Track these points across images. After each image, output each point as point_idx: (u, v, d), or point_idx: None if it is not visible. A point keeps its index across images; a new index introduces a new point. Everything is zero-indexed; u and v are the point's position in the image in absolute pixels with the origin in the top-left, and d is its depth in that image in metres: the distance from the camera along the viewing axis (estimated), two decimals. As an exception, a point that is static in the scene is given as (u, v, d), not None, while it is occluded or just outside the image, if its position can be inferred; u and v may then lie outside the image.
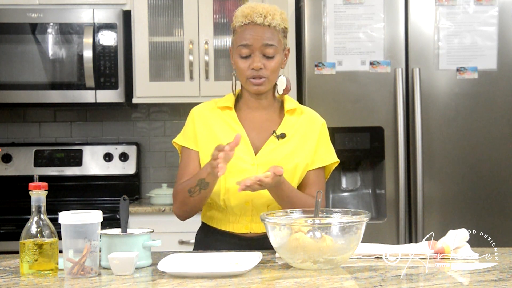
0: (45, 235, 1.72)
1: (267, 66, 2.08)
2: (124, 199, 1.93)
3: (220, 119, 2.18)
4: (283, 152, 2.12)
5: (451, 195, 3.21)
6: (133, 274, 1.74)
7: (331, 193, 3.32)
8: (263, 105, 2.18)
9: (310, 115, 2.23)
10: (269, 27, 2.06)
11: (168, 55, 3.73)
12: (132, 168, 3.91)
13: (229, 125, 2.16)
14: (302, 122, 2.18)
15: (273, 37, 2.07)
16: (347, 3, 3.21)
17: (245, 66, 2.09)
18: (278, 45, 2.09)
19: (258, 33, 2.06)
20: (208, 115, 2.19)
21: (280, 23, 2.08)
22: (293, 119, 2.18)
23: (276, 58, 2.09)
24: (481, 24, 3.21)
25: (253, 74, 2.08)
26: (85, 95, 3.61)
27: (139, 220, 3.35)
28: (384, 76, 3.21)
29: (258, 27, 2.06)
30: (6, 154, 3.88)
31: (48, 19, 3.60)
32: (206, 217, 2.23)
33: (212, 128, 2.16)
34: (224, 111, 2.18)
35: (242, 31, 2.08)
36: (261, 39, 2.06)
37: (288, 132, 2.15)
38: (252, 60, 2.07)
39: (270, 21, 2.06)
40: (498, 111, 3.22)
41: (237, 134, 1.92)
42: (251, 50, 2.07)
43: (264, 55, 2.07)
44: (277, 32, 2.08)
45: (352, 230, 1.75)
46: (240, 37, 2.09)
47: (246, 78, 2.10)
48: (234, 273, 1.68)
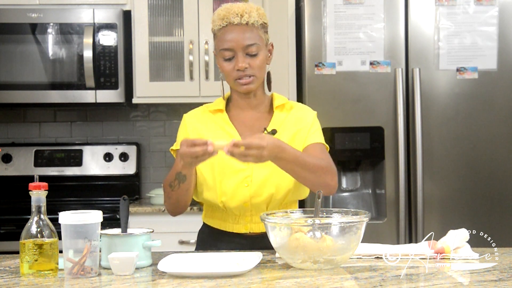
0: (45, 235, 1.72)
1: (252, 64, 2.07)
2: (124, 199, 1.93)
3: (212, 122, 2.18)
4: None
5: (451, 195, 3.21)
6: (133, 274, 1.74)
7: (331, 193, 3.31)
8: (253, 104, 2.18)
9: (301, 109, 2.22)
10: (247, 26, 2.06)
11: (168, 55, 3.73)
12: (132, 168, 3.92)
13: (221, 127, 2.16)
14: (292, 116, 2.17)
15: (253, 35, 2.06)
16: (347, 3, 3.21)
17: (230, 68, 2.08)
18: (259, 42, 2.08)
19: (237, 34, 2.05)
20: (200, 120, 2.19)
21: (257, 19, 2.07)
22: (282, 115, 2.17)
23: (260, 55, 2.08)
24: (481, 24, 3.21)
25: (239, 75, 2.07)
26: (85, 95, 3.61)
27: (139, 220, 3.35)
28: (384, 76, 3.21)
29: (236, 27, 2.05)
30: (6, 154, 3.88)
31: (48, 19, 3.60)
32: (207, 218, 2.23)
33: (204, 132, 2.16)
34: (216, 114, 2.18)
35: (221, 34, 2.07)
36: (242, 39, 2.05)
37: (279, 128, 2.14)
38: (236, 61, 2.06)
39: (247, 19, 2.05)
40: (498, 111, 3.22)
41: (209, 147, 1.85)
42: (233, 52, 2.06)
43: (247, 54, 2.07)
44: (256, 29, 2.07)
45: (352, 230, 1.75)
46: (221, 41, 2.08)
47: (234, 79, 2.09)
48: (234, 273, 1.68)
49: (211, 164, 2.11)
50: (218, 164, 2.11)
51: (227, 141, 1.85)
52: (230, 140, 1.85)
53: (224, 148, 1.83)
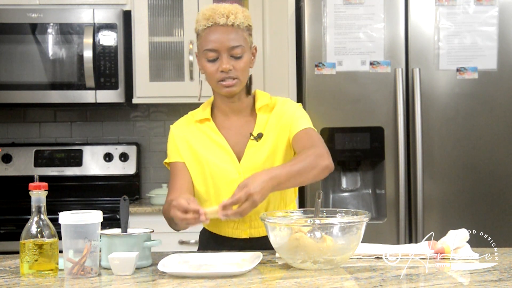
0: (45, 235, 1.72)
1: (236, 66, 2.03)
2: (124, 199, 1.93)
3: (199, 132, 2.15)
4: (264, 153, 2.09)
5: (451, 195, 3.21)
6: (133, 274, 1.74)
7: (331, 193, 3.32)
8: (237, 109, 2.14)
9: (282, 104, 2.15)
10: (232, 27, 2.02)
11: (168, 55, 3.73)
12: (132, 168, 3.92)
13: (210, 137, 2.13)
14: (274, 115, 2.12)
15: (238, 37, 2.03)
16: (347, 3, 3.21)
17: (213, 70, 2.04)
18: (244, 44, 2.04)
19: (222, 35, 2.01)
20: (187, 131, 2.17)
21: (243, 21, 2.04)
22: (265, 116, 2.13)
23: (244, 57, 2.04)
24: (481, 24, 3.21)
25: (223, 76, 2.03)
26: (85, 95, 3.61)
27: (139, 220, 3.35)
28: (384, 76, 3.21)
29: (221, 28, 2.01)
30: (6, 154, 3.88)
31: (48, 19, 3.60)
32: (206, 224, 2.22)
33: (193, 143, 2.13)
34: (204, 124, 2.15)
35: (206, 35, 2.03)
36: (227, 41, 2.01)
37: (264, 130, 2.11)
38: (220, 62, 2.02)
39: (233, 21, 2.01)
40: (498, 111, 3.22)
41: (201, 216, 1.81)
42: (217, 53, 2.02)
43: (232, 56, 2.03)
44: (241, 30, 2.04)
45: (352, 230, 1.75)
46: (205, 41, 2.03)
47: (217, 81, 2.05)
48: (234, 273, 1.68)
49: (203, 178, 2.10)
50: (210, 176, 2.10)
51: (216, 206, 1.82)
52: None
53: (219, 214, 1.80)
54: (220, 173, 2.06)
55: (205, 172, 2.10)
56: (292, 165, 1.93)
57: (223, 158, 2.09)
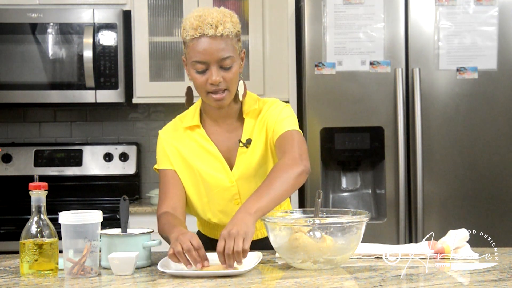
0: (45, 235, 1.72)
1: (226, 77, 1.97)
2: (124, 199, 1.93)
3: (189, 140, 2.12)
4: (254, 159, 2.06)
5: (451, 195, 3.21)
6: (133, 274, 1.74)
7: (331, 193, 3.32)
8: (225, 115, 2.09)
9: (269, 106, 2.10)
10: (221, 37, 1.93)
11: (168, 55, 3.73)
12: (132, 168, 3.92)
13: (200, 144, 2.10)
14: (261, 119, 2.08)
15: (227, 47, 1.95)
16: (347, 3, 3.21)
17: (202, 81, 1.97)
18: (233, 54, 1.98)
19: (211, 47, 1.93)
20: (176, 137, 2.14)
21: (232, 30, 1.97)
22: (252, 121, 2.09)
23: (233, 67, 1.98)
24: (481, 24, 3.21)
25: (213, 89, 1.97)
26: (85, 95, 3.61)
27: (139, 220, 3.35)
28: (384, 76, 3.20)
29: (210, 39, 1.92)
30: (6, 154, 3.88)
31: (48, 19, 3.60)
32: (202, 227, 2.22)
33: (183, 150, 2.11)
34: (194, 131, 2.12)
35: (194, 45, 1.94)
36: (216, 52, 1.93)
37: (252, 135, 2.07)
38: (210, 74, 1.96)
39: (221, 31, 1.93)
40: (498, 111, 3.22)
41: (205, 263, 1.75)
42: (206, 65, 1.96)
43: (221, 67, 1.96)
44: (230, 40, 1.96)
45: (352, 230, 1.75)
46: (193, 52, 1.96)
47: (206, 92, 1.99)
48: (234, 273, 1.68)
49: (196, 186, 2.09)
50: (203, 185, 2.08)
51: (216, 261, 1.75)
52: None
53: (225, 267, 1.72)
54: (212, 182, 2.05)
55: (197, 180, 2.08)
56: (268, 189, 1.86)
57: (214, 166, 2.07)
